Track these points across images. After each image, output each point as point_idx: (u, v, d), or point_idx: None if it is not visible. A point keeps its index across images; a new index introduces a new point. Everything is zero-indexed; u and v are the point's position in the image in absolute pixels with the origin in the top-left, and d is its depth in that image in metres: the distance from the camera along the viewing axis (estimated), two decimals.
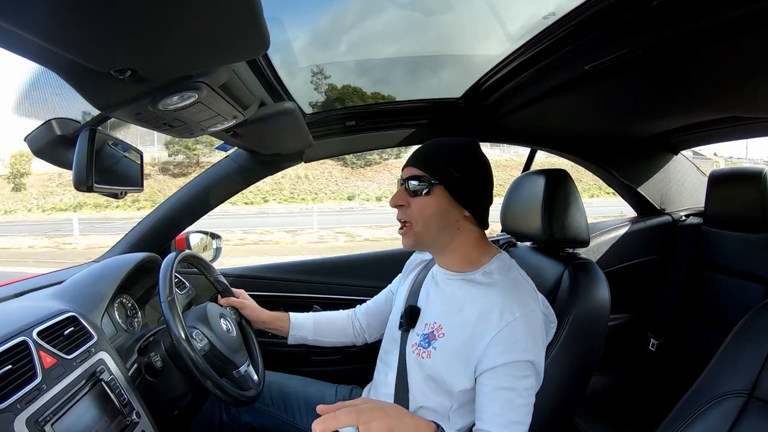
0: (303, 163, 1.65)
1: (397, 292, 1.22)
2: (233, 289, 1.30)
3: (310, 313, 1.32)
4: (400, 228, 1.00)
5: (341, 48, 1.17)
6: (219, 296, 1.27)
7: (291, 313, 1.28)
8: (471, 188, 0.95)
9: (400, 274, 1.27)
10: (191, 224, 1.60)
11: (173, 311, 0.94)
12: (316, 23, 1.08)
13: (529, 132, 1.73)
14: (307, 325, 1.27)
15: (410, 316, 1.03)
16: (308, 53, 1.16)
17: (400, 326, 1.04)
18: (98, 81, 0.62)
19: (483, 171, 0.98)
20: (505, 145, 2.10)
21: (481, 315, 0.88)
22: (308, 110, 1.46)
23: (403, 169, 1.00)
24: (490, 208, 1.01)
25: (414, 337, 1.00)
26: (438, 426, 0.75)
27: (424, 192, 0.94)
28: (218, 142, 1.40)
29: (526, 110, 1.37)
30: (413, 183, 0.95)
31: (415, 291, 1.09)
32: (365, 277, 1.74)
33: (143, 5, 0.39)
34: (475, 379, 0.88)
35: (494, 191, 1.01)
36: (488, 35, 1.12)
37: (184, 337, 0.92)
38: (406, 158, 1.01)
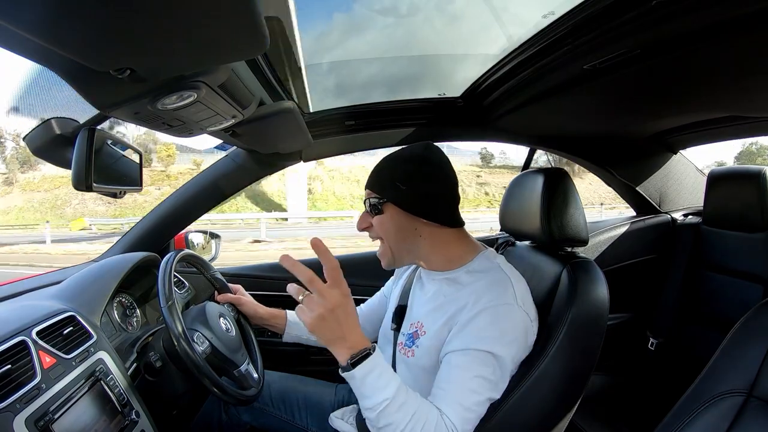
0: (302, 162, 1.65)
1: (390, 294, 1.24)
2: (230, 285, 1.30)
3: None
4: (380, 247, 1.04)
5: (341, 47, 1.17)
6: (216, 293, 1.28)
7: (288, 311, 1.28)
8: (419, 197, 0.95)
9: (392, 277, 1.28)
10: (190, 224, 1.60)
11: (174, 315, 0.94)
12: (316, 22, 1.08)
13: (528, 131, 1.73)
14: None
15: (399, 315, 1.06)
16: (308, 52, 1.16)
17: (392, 327, 1.07)
18: (97, 80, 0.62)
19: (432, 176, 0.97)
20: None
21: (457, 310, 0.90)
22: (307, 109, 1.46)
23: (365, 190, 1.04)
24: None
25: (401, 336, 1.02)
26: (371, 349, 0.79)
27: (378, 211, 0.98)
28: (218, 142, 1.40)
29: (525, 109, 1.37)
30: (368, 204, 1.00)
31: (405, 292, 1.12)
32: (364, 276, 1.74)
33: (142, 5, 0.39)
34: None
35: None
36: (487, 34, 1.11)
37: (185, 341, 0.92)
38: None
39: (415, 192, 0.95)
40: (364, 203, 1.02)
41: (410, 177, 0.96)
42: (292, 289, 0.81)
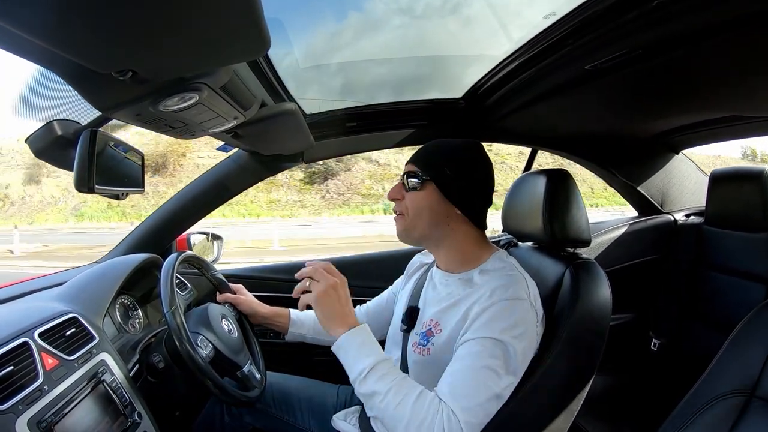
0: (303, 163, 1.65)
1: (399, 294, 1.23)
2: (231, 285, 1.30)
3: (311, 311, 1.31)
4: (396, 216, 1.06)
5: (342, 48, 1.17)
6: (218, 293, 1.28)
7: (291, 310, 1.28)
8: (463, 188, 0.99)
9: (402, 276, 1.28)
10: (192, 225, 1.60)
11: (177, 320, 0.95)
12: (317, 24, 1.08)
13: (530, 132, 1.73)
14: (308, 323, 1.27)
15: (410, 317, 1.05)
16: (309, 54, 1.16)
17: (402, 328, 1.05)
18: (99, 82, 0.62)
19: (479, 173, 1.01)
20: None
21: (472, 305, 0.90)
22: (309, 111, 1.46)
23: (405, 165, 1.06)
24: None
25: (414, 336, 1.01)
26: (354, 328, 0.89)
27: (416, 187, 1.00)
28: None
29: (526, 110, 1.37)
30: (408, 178, 1.01)
31: (416, 293, 1.11)
32: (367, 277, 1.74)
33: (144, 6, 0.39)
34: None
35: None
36: (489, 35, 1.11)
37: (190, 346, 0.93)
38: None
39: (459, 180, 0.98)
40: (403, 176, 1.03)
41: (458, 165, 0.99)
42: (299, 287, 0.97)
